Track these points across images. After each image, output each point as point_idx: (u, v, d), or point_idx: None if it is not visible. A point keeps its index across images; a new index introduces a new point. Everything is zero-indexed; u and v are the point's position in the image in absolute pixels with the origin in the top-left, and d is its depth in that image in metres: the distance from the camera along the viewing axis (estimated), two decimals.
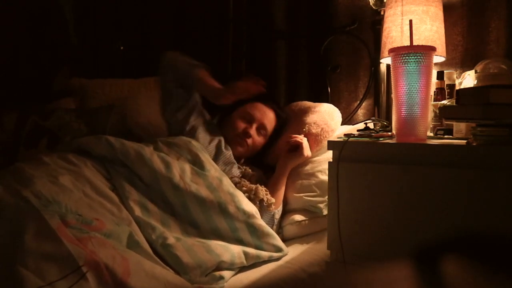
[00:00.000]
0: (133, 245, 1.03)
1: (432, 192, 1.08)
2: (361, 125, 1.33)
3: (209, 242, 1.15)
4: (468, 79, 1.44)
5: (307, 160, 1.55)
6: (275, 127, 1.63)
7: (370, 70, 1.84)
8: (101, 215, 1.05)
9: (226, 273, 1.10)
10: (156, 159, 1.25)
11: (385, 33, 1.58)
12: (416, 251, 1.07)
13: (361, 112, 1.90)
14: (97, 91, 1.88)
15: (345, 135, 1.25)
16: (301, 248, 1.33)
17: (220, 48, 2.07)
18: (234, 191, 1.28)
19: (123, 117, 1.68)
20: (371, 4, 1.75)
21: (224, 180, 1.30)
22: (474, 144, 1.09)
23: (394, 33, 1.54)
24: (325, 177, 1.47)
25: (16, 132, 1.75)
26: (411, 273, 1.01)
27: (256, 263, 1.20)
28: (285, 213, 1.49)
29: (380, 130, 1.33)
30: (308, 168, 1.53)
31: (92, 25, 2.25)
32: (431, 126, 1.43)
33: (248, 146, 1.57)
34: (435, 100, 1.49)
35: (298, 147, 1.50)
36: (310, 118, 1.60)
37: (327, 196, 1.23)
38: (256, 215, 1.27)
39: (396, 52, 1.20)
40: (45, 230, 0.88)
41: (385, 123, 1.47)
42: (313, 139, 1.55)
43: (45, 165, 1.14)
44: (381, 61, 1.71)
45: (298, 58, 1.98)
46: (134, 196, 1.18)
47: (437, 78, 1.53)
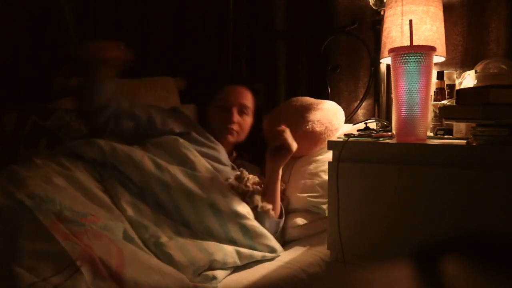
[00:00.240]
0: (128, 240, 1.05)
1: (432, 192, 1.08)
2: (361, 125, 1.33)
3: (201, 242, 1.16)
4: (468, 79, 1.44)
5: (307, 157, 1.55)
6: (255, 102, 1.56)
7: (370, 70, 1.84)
8: (95, 212, 1.07)
9: (219, 273, 1.09)
10: (146, 161, 1.25)
11: (385, 33, 1.58)
12: (416, 251, 1.07)
13: (361, 112, 1.90)
14: None
15: (345, 135, 1.25)
16: (301, 248, 1.33)
17: (220, 48, 2.08)
18: (226, 192, 1.28)
19: None
20: (371, 4, 1.75)
21: (216, 180, 1.30)
22: (474, 144, 1.08)
23: (394, 33, 1.54)
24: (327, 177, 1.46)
25: (16, 132, 1.75)
26: (411, 273, 1.00)
27: (256, 263, 1.20)
28: (287, 213, 1.47)
29: (380, 130, 1.33)
30: (312, 168, 1.52)
31: (92, 25, 2.25)
32: (431, 126, 1.43)
33: (237, 132, 1.51)
34: (435, 100, 1.49)
35: (283, 145, 1.36)
36: (313, 115, 1.57)
37: (328, 196, 1.23)
38: (249, 216, 1.26)
39: (396, 52, 1.20)
40: (39, 230, 0.90)
41: (385, 123, 1.47)
42: (317, 138, 1.53)
43: (38, 167, 1.15)
44: (381, 61, 1.71)
45: (298, 58, 1.98)
46: (126, 198, 1.19)
47: (437, 78, 1.53)
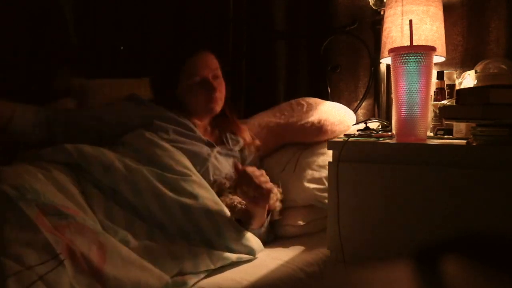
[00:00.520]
0: None
1: (432, 192, 1.08)
2: (361, 125, 1.33)
3: (173, 246, 1.12)
4: (468, 79, 1.44)
5: (314, 148, 1.55)
6: (220, 63, 1.53)
7: (370, 70, 1.84)
8: (77, 207, 1.07)
9: (189, 277, 1.07)
10: (117, 164, 1.21)
11: (385, 33, 1.58)
12: (416, 251, 1.07)
13: (361, 112, 1.90)
14: (97, 91, 1.88)
15: (345, 135, 1.25)
16: (300, 248, 1.33)
17: (220, 48, 2.07)
18: (199, 192, 1.22)
19: None
20: (371, 4, 1.75)
21: (188, 180, 1.23)
22: (474, 144, 1.09)
23: (394, 33, 1.54)
24: None
25: None
26: (411, 273, 1.00)
27: (255, 263, 1.20)
28: (289, 207, 1.45)
29: (380, 130, 1.33)
30: (320, 161, 1.50)
31: (92, 25, 2.25)
32: (431, 126, 1.43)
33: (220, 98, 1.49)
34: (435, 100, 1.49)
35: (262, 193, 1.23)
36: (327, 107, 1.61)
37: (328, 196, 1.23)
38: (224, 214, 1.21)
39: (396, 52, 1.20)
40: (23, 221, 0.91)
41: (385, 123, 1.47)
42: (329, 126, 1.53)
43: (19, 167, 1.14)
44: (381, 61, 1.71)
45: (298, 58, 1.98)
46: (99, 200, 1.16)
47: (437, 78, 1.53)
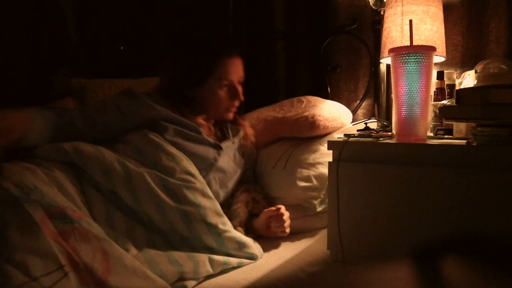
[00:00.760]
0: None
1: (432, 192, 1.08)
2: (361, 125, 1.33)
3: (174, 252, 1.10)
4: (468, 79, 1.44)
5: (307, 145, 1.55)
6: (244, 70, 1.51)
7: (370, 70, 1.84)
8: (80, 208, 1.06)
9: (189, 283, 1.06)
10: (116, 166, 1.16)
11: (385, 33, 1.58)
12: (416, 251, 1.07)
13: (361, 112, 1.90)
14: (97, 91, 1.88)
15: (345, 135, 1.24)
16: (300, 248, 1.33)
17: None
18: (200, 201, 1.18)
19: None
20: (371, 4, 1.75)
21: (191, 187, 1.19)
22: (474, 144, 1.09)
23: (394, 33, 1.54)
24: (325, 169, 1.43)
25: None
26: (411, 273, 1.01)
27: (255, 263, 1.20)
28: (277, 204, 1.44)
29: (380, 130, 1.33)
30: (310, 158, 1.49)
31: (92, 25, 2.25)
32: (431, 126, 1.44)
33: (238, 106, 1.49)
34: (435, 100, 1.49)
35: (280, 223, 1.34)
36: (323, 105, 1.60)
37: (327, 196, 1.23)
38: (224, 226, 1.20)
39: (396, 52, 1.20)
40: (28, 224, 0.88)
41: (385, 123, 1.47)
42: (323, 122, 1.52)
43: (20, 164, 1.12)
44: (381, 61, 1.71)
45: (298, 58, 1.98)
46: (99, 204, 1.13)
47: (437, 78, 1.53)
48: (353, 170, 1.18)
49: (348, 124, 1.64)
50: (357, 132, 1.26)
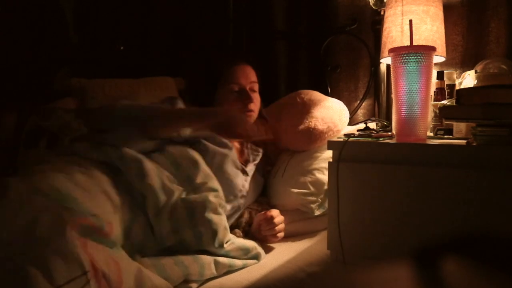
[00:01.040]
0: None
1: (432, 192, 1.08)
2: (361, 125, 1.33)
3: (180, 256, 1.10)
4: (468, 79, 1.44)
5: (305, 153, 1.55)
6: (257, 76, 1.55)
7: (370, 70, 1.84)
8: (112, 217, 1.04)
9: (193, 284, 1.07)
10: (153, 177, 1.16)
11: (385, 33, 1.58)
12: (416, 251, 1.07)
13: (361, 112, 1.90)
14: (97, 91, 1.88)
15: (345, 135, 1.25)
16: (300, 248, 1.33)
17: (220, 48, 2.08)
18: (212, 217, 1.16)
19: None
20: (371, 4, 1.75)
21: (208, 208, 1.17)
22: (474, 144, 1.09)
23: (394, 33, 1.54)
24: (321, 175, 1.46)
25: (16, 132, 1.75)
26: (411, 273, 1.00)
27: (255, 264, 1.20)
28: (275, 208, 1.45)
29: (380, 130, 1.33)
30: (306, 165, 1.50)
31: (92, 25, 2.25)
32: (431, 126, 1.44)
33: (254, 111, 1.49)
34: (435, 100, 1.49)
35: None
36: (318, 112, 1.54)
37: (328, 196, 1.24)
38: (229, 238, 1.20)
39: (396, 52, 1.20)
40: (57, 225, 0.87)
41: (385, 123, 1.47)
42: (317, 135, 1.51)
43: (58, 165, 1.11)
44: (381, 61, 1.71)
45: (298, 58, 1.98)
46: (127, 204, 1.12)
47: (437, 78, 1.53)
48: (353, 170, 1.18)
49: (345, 127, 1.63)
50: (357, 132, 1.26)
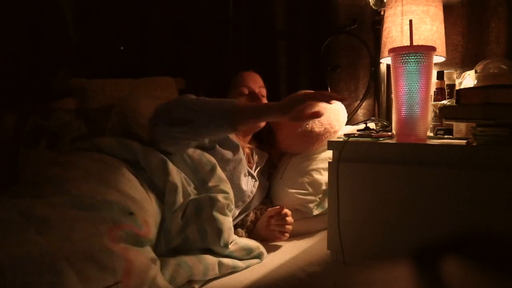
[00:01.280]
0: None
1: (432, 192, 1.08)
2: (361, 125, 1.33)
3: (184, 256, 1.10)
4: (468, 79, 1.44)
5: (304, 155, 1.56)
6: (265, 86, 1.58)
7: (370, 70, 1.84)
8: (148, 215, 1.04)
9: (196, 285, 1.07)
10: (175, 176, 1.16)
11: (385, 33, 1.58)
12: (416, 251, 1.07)
13: (361, 112, 1.90)
14: (97, 91, 1.88)
15: (345, 135, 1.25)
16: (301, 248, 1.33)
17: (220, 48, 2.08)
18: (218, 217, 1.16)
19: (124, 117, 1.68)
20: (371, 4, 1.75)
21: (218, 208, 1.18)
22: (474, 144, 1.09)
23: (394, 33, 1.54)
24: (319, 176, 1.47)
25: (16, 132, 1.75)
26: (412, 273, 1.00)
27: (256, 264, 1.21)
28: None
29: (380, 130, 1.33)
30: (304, 166, 1.52)
31: (92, 25, 2.25)
32: (431, 126, 1.44)
33: None
34: (435, 100, 1.49)
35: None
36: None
37: (328, 196, 1.23)
38: (233, 239, 1.20)
39: (396, 52, 1.20)
40: (94, 232, 0.87)
41: (385, 123, 1.47)
42: (315, 138, 1.53)
43: (85, 167, 1.10)
44: (381, 61, 1.71)
45: (298, 58, 1.98)
46: (153, 200, 1.13)
47: (437, 78, 1.53)
48: (353, 170, 1.18)
49: (343, 127, 1.63)
50: (357, 132, 1.26)
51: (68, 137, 1.67)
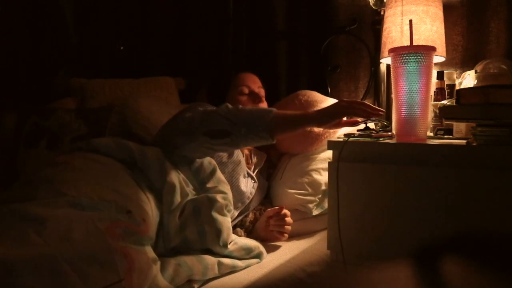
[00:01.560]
0: None
1: (432, 192, 1.08)
2: (361, 125, 1.33)
3: (184, 256, 1.09)
4: (468, 79, 1.44)
5: (303, 155, 1.57)
6: (264, 87, 1.60)
7: (370, 70, 1.84)
8: (146, 214, 1.03)
9: (195, 284, 1.07)
10: (173, 176, 1.16)
11: (385, 33, 1.58)
12: (416, 251, 1.07)
13: None
14: (97, 91, 1.89)
15: (345, 135, 1.24)
16: (300, 248, 1.33)
17: (220, 48, 2.08)
18: (217, 218, 1.16)
19: (124, 117, 1.68)
20: (371, 4, 1.75)
21: (221, 214, 1.18)
22: (474, 144, 1.08)
23: (394, 33, 1.54)
24: (318, 176, 1.48)
25: (16, 132, 1.75)
26: (412, 273, 1.00)
27: (256, 264, 1.21)
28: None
29: (380, 130, 1.33)
30: (304, 166, 1.53)
31: (92, 25, 2.25)
32: (431, 126, 1.43)
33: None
34: (435, 100, 1.49)
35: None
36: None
37: (328, 196, 1.23)
38: (232, 239, 1.20)
39: (396, 52, 1.20)
40: (93, 231, 0.87)
41: (385, 123, 1.47)
42: (314, 138, 1.53)
43: (80, 167, 1.10)
44: (381, 61, 1.71)
45: (298, 58, 1.98)
46: (151, 201, 1.12)
47: (437, 78, 1.53)
48: (353, 170, 1.18)
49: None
50: (357, 132, 1.26)
51: (68, 137, 1.67)
